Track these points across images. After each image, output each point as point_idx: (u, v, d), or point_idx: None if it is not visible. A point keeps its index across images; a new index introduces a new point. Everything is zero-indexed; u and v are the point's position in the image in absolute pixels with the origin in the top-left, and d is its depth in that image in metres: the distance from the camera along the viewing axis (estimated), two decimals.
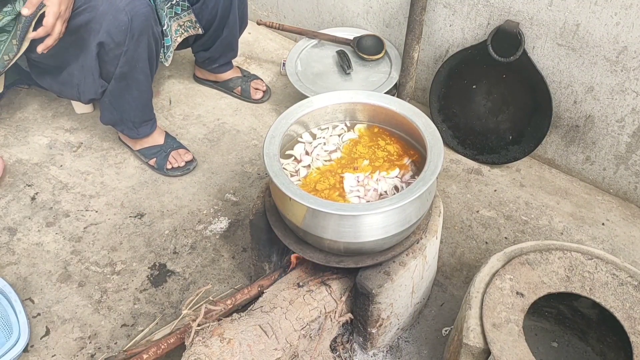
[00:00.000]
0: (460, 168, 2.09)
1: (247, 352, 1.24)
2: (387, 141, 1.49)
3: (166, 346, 1.38)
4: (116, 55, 1.74)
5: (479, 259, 1.80)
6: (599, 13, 1.68)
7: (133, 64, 1.79)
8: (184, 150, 2.09)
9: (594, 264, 1.35)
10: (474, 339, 1.25)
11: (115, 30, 1.69)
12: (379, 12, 2.25)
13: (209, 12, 2.06)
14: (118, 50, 1.73)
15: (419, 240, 1.42)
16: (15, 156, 2.13)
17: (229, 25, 2.14)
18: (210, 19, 2.09)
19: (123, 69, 1.79)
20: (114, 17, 1.68)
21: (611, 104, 1.81)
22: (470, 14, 1.96)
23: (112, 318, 1.66)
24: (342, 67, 2.21)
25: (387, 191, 1.37)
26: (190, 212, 1.95)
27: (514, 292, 1.31)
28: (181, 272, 1.78)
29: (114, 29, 1.69)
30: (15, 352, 1.49)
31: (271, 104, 2.37)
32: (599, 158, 1.94)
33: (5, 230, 1.89)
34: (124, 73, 1.80)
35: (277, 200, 1.36)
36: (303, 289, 1.41)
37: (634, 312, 1.26)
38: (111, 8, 1.68)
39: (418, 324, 1.63)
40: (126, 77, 1.82)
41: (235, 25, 2.16)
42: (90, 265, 1.79)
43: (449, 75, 2.06)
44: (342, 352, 1.51)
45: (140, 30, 1.73)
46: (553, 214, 1.92)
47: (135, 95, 1.89)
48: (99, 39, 1.70)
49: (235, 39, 2.24)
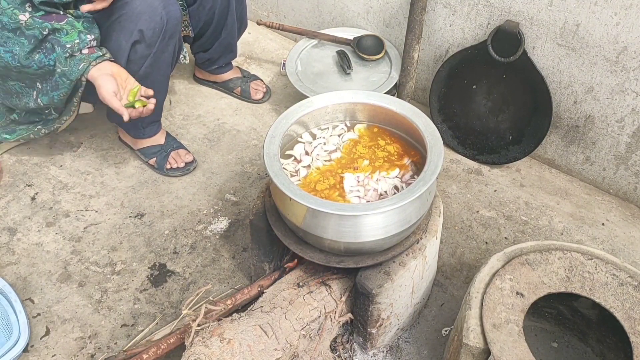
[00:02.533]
0: (460, 168, 2.09)
1: (247, 352, 1.24)
2: (387, 141, 1.49)
3: (166, 346, 1.38)
4: (144, 55, 1.72)
5: (479, 259, 1.80)
6: (599, 13, 1.68)
7: (157, 65, 1.78)
8: (185, 150, 2.09)
9: (594, 264, 1.35)
10: (474, 339, 1.25)
11: (150, 31, 1.67)
12: (379, 12, 2.25)
13: (206, 14, 2.06)
14: (147, 51, 1.72)
15: (419, 241, 1.42)
16: (15, 156, 2.13)
17: (227, 28, 2.14)
18: (207, 20, 2.08)
19: (147, 70, 1.76)
20: (150, 17, 1.65)
21: (611, 104, 1.81)
22: (471, 14, 1.96)
23: (112, 318, 1.66)
24: (342, 67, 2.21)
25: (387, 191, 1.37)
26: (190, 212, 1.95)
27: (514, 293, 1.31)
28: (181, 272, 1.78)
29: (148, 29, 1.67)
30: (15, 352, 1.49)
31: (271, 104, 2.37)
32: (599, 158, 1.94)
33: (5, 230, 1.89)
34: (147, 74, 1.77)
35: (277, 200, 1.36)
36: (303, 289, 1.41)
37: (634, 313, 1.26)
38: (148, 8, 1.65)
39: (418, 324, 1.63)
40: (148, 78, 1.78)
41: (233, 27, 2.16)
42: (90, 265, 1.79)
43: (449, 75, 2.06)
44: (342, 352, 1.51)
45: (172, 33, 1.73)
46: (553, 214, 1.92)
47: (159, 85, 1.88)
48: (133, 39, 1.68)
49: (234, 40, 2.24)
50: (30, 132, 1.93)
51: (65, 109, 1.82)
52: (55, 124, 1.88)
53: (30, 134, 1.93)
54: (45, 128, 1.91)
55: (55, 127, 1.89)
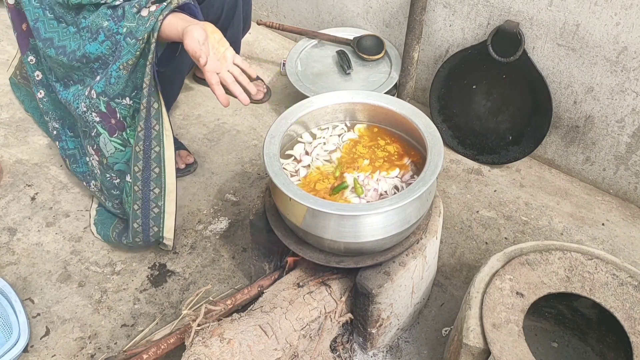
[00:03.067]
0: (460, 168, 2.09)
1: (247, 352, 1.24)
2: (387, 141, 1.49)
3: (166, 346, 1.38)
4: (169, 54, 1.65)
5: (479, 259, 1.80)
6: (599, 13, 1.68)
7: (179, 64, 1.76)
8: (186, 152, 2.09)
9: (594, 264, 1.35)
10: (474, 339, 1.25)
11: None
12: (379, 12, 2.25)
13: (214, 12, 2.03)
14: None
15: (419, 241, 1.42)
16: (15, 156, 2.13)
17: (233, 26, 2.13)
18: (214, 19, 2.07)
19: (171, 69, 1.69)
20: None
21: (611, 104, 1.81)
22: (470, 14, 1.96)
23: (112, 318, 1.66)
24: (342, 67, 2.21)
25: (387, 191, 1.37)
26: (190, 212, 1.95)
27: (514, 293, 1.31)
28: (181, 272, 1.78)
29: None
30: (15, 352, 1.49)
31: (271, 104, 2.37)
32: (599, 158, 1.94)
33: (5, 230, 1.89)
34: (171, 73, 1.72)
35: (277, 200, 1.36)
36: (303, 289, 1.41)
37: (634, 312, 1.26)
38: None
39: (418, 324, 1.63)
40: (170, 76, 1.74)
41: (239, 26, 2.15)
42: (90, 265, 1.79)
43: (449, 76, 2.06)
44: (342, 352, 1.51)
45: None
46: (553, 214, 1.92)
47: (176, 84, 1.88)
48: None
49: (238, 40, 2.23)
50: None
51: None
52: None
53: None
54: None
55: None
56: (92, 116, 1.58)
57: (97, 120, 1.58)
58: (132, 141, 1.58)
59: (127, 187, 1.64)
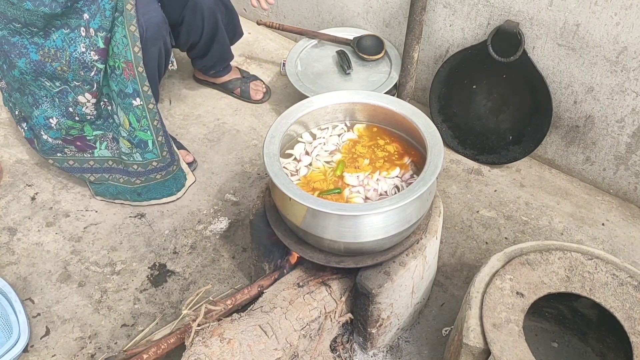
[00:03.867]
0: (460, 168, 2.09)
1: (247, 352, 1.24)
2: (387, 141, 1.49)
3: (166, 346, 1.38)
4: None
5: (479, 259, 1.80)
6: (599, 13, 1.68)
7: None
8: (185, 151, 2.09)
9: (594, 264, 1.35)
10: (474, 339, 1.25)
11: None
12: (379, 12, 2.25)
13: (194, 36, 2.03)
14: None
15: (419, 241, 1.42)
16: (15, 156, 2.13)
17: (219, 41, 2.13)
18: (194, 42, 2.07)
19: None
20: None
21: (611, 104, 1.81)
22: (470, 14, 1.96)
23: (112, 318, 1.66)
24: (342, 67, 2.21)
25: (388, 191, 1.37)
26: (190, 212, 1.95)
27: (514, 292, 1.31)
28: (181, 272, 1.78)
29: None
30: (15, 352, 1.49)
31: (271, 104, 2.37)
32: (599, 158, 1.94)
33: (5, 230, 1.89)
34: None
35: (277, 200, 1.36)
36: (303, 289, 1.41)
37: (634, 313, 1.26)
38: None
39: (418, 324, 1.63)
40: None
41: (224, 40, 2.15)
42: (90, 265, 1.79)
43: (449, 75, 2.06)
44: (342, 352, 1.51)
45: (153, 40, 1.73)
46: (553, 214, 1.92)
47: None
48: None
49: (228, 49, 2.23)
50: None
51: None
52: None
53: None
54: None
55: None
56: (90, 55, 1.64)
57: (96, 59, 1.64)
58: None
59: (137, 111, 1.74)
